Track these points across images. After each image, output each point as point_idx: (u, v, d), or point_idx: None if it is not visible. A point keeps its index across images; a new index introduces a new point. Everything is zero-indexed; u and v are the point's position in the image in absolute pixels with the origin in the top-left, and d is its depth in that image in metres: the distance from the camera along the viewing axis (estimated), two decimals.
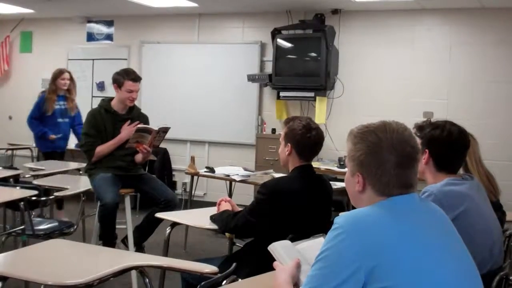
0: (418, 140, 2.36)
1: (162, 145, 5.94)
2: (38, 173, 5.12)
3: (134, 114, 4.48)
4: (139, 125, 4.29)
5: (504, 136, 6.28)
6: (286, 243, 1.84)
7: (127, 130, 4.33)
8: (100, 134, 4.34)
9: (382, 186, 1.55)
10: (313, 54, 6.77)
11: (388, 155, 1.53)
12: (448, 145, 2.38)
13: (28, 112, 6.19)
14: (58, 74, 6.11)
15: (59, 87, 6.06)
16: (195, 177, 5.91)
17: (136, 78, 4.39)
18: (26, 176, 5.18)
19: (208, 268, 2.28)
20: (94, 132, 4.32)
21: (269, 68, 7.15)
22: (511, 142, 6.27)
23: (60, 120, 6.11)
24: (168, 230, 3.28)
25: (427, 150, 2.40)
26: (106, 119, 4.37)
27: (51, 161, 5.85)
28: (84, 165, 4.88)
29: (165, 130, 4.39)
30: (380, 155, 1.54)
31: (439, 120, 2.50)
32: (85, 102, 8.23)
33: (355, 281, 1.37)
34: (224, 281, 2.18)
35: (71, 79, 6.17)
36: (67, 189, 4.25)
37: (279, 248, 1.79)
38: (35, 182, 4.46)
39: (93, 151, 4.30)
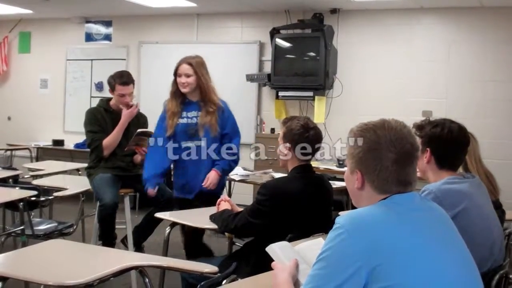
0: (419, 139, 2.37)
1: None
2: (37, 173, 5.13)
3: None
4: (139, 129, 4.26)
5: (502, 135, 6.29)
6: (283, 244, 1.84)
7: (127, 114, 4.30)
8: (103, 129, 4.33)
9: (380, 183, 1.55)
10: (312, 54, 6.77)
11: (387, 152, 1.54)
12: (450, 142, 2.38)
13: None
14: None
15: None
16: None
17: (127, 81, 4.32)
18: (25, 176, 5.18)
19: (208, 268, 2.28)
20: (98, 127, 4.31)
21: (268, 68, 7.16)
22: (509, 141, 6.28)
23: (185, 143, 3.86)
24: (167, 230, 3.28)
25: (428, 149, 2.40)
26: (106, 118, 4.37)
27: (50, 162, 5.84)
28: (82, 165, 4.87)
29: None
30: (379, 152, 1.55)
31: (437, 118, 2.50)
32: (84, 103, 8.25)
33: (356, 280, 1.38)
34: (224, 281, 2.18)
35: (196, 73, 3.82)
36: (66, 189, 4.25)
37: (277, 249, 1.79)
38: (34, 182, 4.47)
39: (101, 145, 4.28)
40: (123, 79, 4.31)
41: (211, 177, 3.82)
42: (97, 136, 4.30)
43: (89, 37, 8.54)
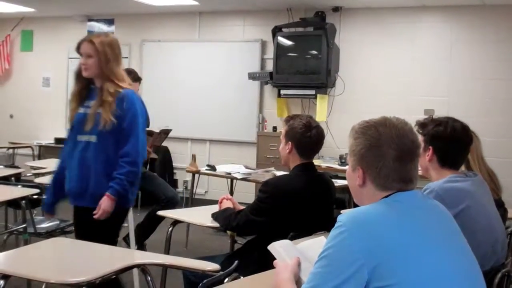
0: (421, 137, 2.37)
1: (164, 144, 5.94)
2: (39, 171, 5.13)
3: None
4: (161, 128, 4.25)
5: (504, 133, 6.28)
6: (285, 242, 1.84)
7: None
8: None
9: (381, 180, 1.55)
10: (314, 52, 6.77)
11: (388, 149, 1.54)
12: (453, 141, 2.37)
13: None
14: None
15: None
16: (196, 175, 5.90)
17: (135, 79, 4.35)
18: (28, 174, 5.19)
19: (210, 266, 2.28)
20: None
21: (270, 66, 7.15)
22: (511, 139, 6.27)
23: (79, 137, 3.08)
24: (169, 228, 3.28)
25: (431, 147, 2.39)
26: None
27: (53, 160, 5.83)
28: None
29: (166, 132, 4.39)
30: (380, 149, 1.55)
31: (440, 116, 2.50)
32: None
33: (358, 279, 1.37)
34: (226, 279, 2.18)
35: (98, 53, 3.02)
36: None
37: (279, 248, 1.79)
38: (37, 180, 4.47)
39: None
40: (132, 75, 4.33)
41: (102, 205, 2.93)
42: None
43: None
